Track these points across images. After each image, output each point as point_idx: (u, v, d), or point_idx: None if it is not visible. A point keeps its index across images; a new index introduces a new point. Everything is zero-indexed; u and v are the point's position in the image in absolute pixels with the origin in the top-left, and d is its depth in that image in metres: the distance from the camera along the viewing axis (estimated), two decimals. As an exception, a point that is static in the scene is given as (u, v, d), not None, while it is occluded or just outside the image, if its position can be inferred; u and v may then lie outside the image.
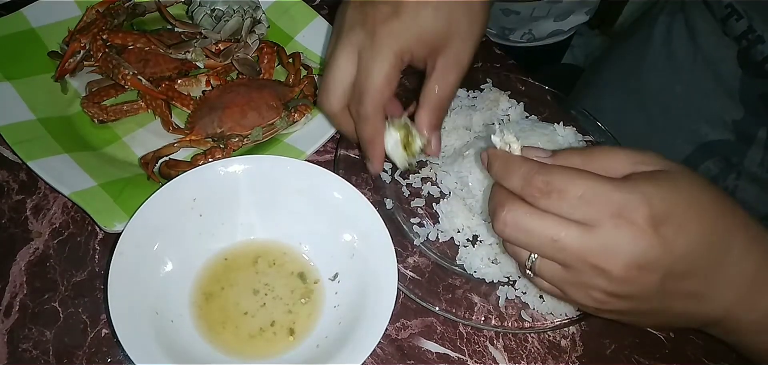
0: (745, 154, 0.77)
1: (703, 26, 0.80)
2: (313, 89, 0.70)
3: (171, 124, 0.66)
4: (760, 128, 0.75)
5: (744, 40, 0.72)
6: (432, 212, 0.64)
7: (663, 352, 0.59)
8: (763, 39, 0.70)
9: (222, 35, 0.71)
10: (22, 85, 0.65)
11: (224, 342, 0.52)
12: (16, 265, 0.56)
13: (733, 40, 0.74)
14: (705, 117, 0.80)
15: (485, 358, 0.56)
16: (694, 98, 0.82)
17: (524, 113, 0.73)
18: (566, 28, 1.31)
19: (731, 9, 0.73)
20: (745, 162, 0.77)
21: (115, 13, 0.71)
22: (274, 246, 0.57)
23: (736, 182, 0.78)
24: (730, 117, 0.77)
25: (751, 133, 0.76)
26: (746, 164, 0.77)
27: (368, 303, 0.52)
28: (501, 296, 0.58)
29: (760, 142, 0.76)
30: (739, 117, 0.77)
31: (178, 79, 0.69)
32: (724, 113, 0.78)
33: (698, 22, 0.81)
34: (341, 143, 0.67)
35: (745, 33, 0.72)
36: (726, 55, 0.76)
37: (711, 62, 0.79)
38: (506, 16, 1.25)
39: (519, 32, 1.29)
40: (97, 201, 0.57)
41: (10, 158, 0.63)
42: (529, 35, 1.29)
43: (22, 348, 0.51)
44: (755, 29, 0.71)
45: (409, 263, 0.60)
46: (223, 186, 0.57)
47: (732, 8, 0.73)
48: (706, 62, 0.80)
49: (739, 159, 0.78)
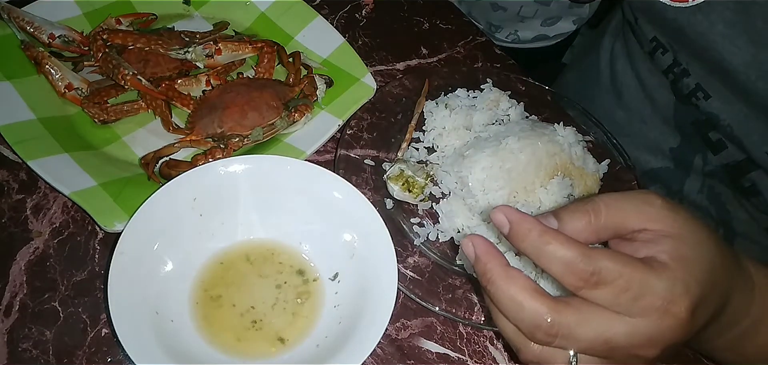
0: (684, 182, 0.78)
1: (638, 52, 0.80)
2: (313, 89, 0.70)
3: (171, 124, 0.66)
4: (696, 155, 0.76)
5: (671, 74, 0.72)
6: (432, 212, 0.64)
7: (663, 352, 0.59)
8: (688, 72, 0.70)
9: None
10: (22, 85, 0.65)
11: (224, 341, 0.52)
12: (16, 265, 0.56)
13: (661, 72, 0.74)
14: (644, 144, 0.80)
15: (485, 358, 0.56)
16: (634, 125, 0.82)
17: (524, 113, 0.73)
18: (551, 35, 1.30)
19: (656, 42, 0.73)
20: (684, 190, 0.78)
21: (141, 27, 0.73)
22: (274, 246, 0.57)
23: None
24: (668, 145, 0.78)
25: (688, 161, 0.77)
26: (686, 191, 0.78)
27: (368, 303, 0.52)
28: (501, 296, 0.58)
29: (696, 169, 0.76)
30: (676, 144, 0.77)
31: (178, 79, 0.69)
32: (662, 141, 0.78)
33: (634, 49, 0.81)
34: (341, 143, 0.67)
35: (671, 66, 0.72)
36: (658, 83, 0.76)
37: (647, 88, 0.79)
38: (494, 11, 1.24)
39: (505, 31, 1.28)
40: (97, 201, 0.57)
41: (10, 157, 0.63)
42: (514, 36, 1.29)
43: (22, 348, 0.51)
44: (680, 63, 0.71)
45: (409, 263, 0.60)
46: (223, 186, 0.57)
47: (657, 42, 0.73)
48: (642, 88, 0.80)
49: (678, 187, 0.78)
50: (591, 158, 0.68)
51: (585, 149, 0.69)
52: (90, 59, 0.70)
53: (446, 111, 0.70)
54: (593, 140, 0.72)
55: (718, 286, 0.44)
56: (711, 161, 0.75)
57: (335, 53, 0.75)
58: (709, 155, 0.75)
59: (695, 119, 0.74)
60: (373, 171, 0.66)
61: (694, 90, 0.71)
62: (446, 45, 0.85)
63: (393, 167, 0.63)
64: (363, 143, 0.69)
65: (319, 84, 0.70)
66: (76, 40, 0.70)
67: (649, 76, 0.79)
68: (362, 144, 0.68)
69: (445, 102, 0.71)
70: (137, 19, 0.75)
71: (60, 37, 0.69)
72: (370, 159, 0.67)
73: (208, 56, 0.71)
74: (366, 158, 0.67)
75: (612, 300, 0.41)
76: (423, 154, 0.69)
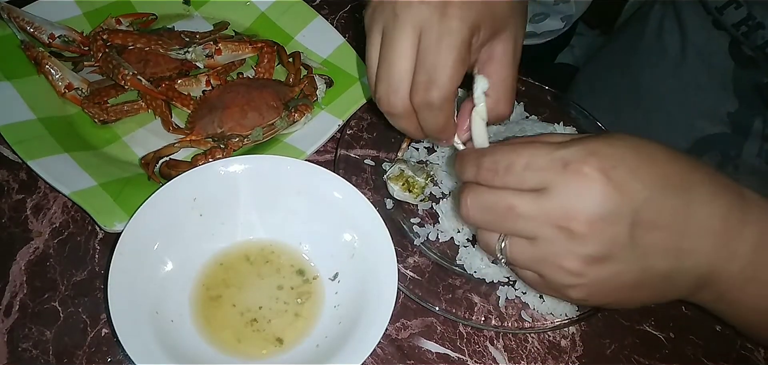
0: (742, 146, 0.77)
1: (693, 20, 0.80)
2: (313, 89, 0.70)
3: (171, 124, 0.66)
4: (755, 119, 0.75)
5: (744, 26, 0.72)
6: (432, 212, 0.64)
7: (663, 352, 0.59)
8: (764, 25, 0.70)
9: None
10: (22, 85, 0.65)
11: (224, 341, 0.52)
12: (16, 265, 0.56)
13: (727, 30, 0.74)
14: (700, 111, 0.80)
15: (485, 358, 0.56)
16: (687, 93, 0.82)
17: (524, 113, 0.73)
18: (539, 33, 1.29)
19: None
20: (743, 154, 0.77)
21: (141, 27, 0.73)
22: (274, 246, 0.57)
23: (735, 175, 0.78)
24: (725, 109, 0.78)
25: (747, 124, 0.76)
26: (744, 156, 0.77)
27: (368, 303, 0.52)
28: (501, 296, 0.58)
29: (756, 133, 0.76)
30: (734, 109, 0.77)
31: (178, 79, 0.69)
32: (719, 106, 0.78)
33: (689, 17, 0.81)
34: (341, 143, 0.67)
35: (745, 20, 0.72)
36: (717, 48, 0.76)
37: (703, 56, 0.79)
38: None
39: None
40: (97, 201, 0.57)
41: (10, 157, 0.63)
42: None
43: (22, 348, 0.51)
44: (755, 16, 0.71)
45: (409, 263, 0.60)
46: (223, 186, 0.57)
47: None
48: (698, 56, 0.80)
49: (736, 152, 0.78)
50: (591, 158, 0.68)
51: (585, 148, 0.68)
52: (90, 59, 0.70)
53: (446, 111, 0.70)
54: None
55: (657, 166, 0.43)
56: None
57: (335, 53, 0.75)
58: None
59: (757, 83, 0.73)
60: (373, 171, 0.66)
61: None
62: (446, 45, 0.85)
63: (393, 167, 0.63)
64: (363, 143, 0.69)
65: (319, 84, 0.70)
66: (76, 41, 0.70)
67: (705, 44, 0.78)
68: (362, 144, 0.68)
69: (445, 102, 0.71)
70: (137, 20, 0.75)
71: (60, 37, 0.69)
72: (370, 159, 0.67)
73: (208, 56, 0.71)
74: (366, 158, 0.67)
75: (515, 180, 0.43)
76: (423, 154, 0.69)
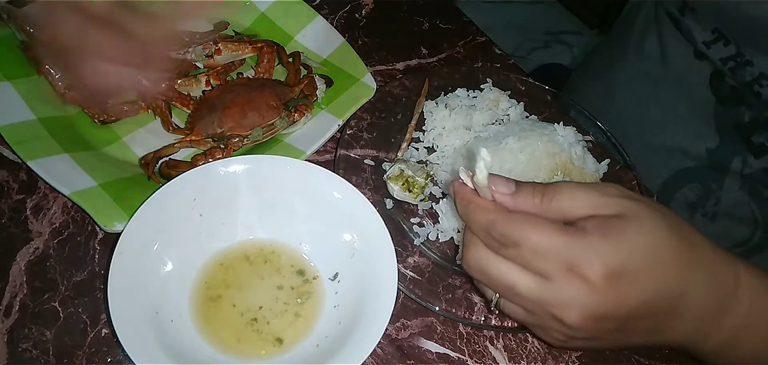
0: (723, 181, 0.77)
1: (674, 46, 0.79)
2: (313, 89, 0.70)
3: (171, 124, 0.66)
4: (734, 158, 0.75)
5: (731, 62, 0.72)
6: (432, 212, 0.64)
7: (663, 352, 0.59)
8: (752, 63, 0.70)
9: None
10: (22, 85, 0.65)
11: (224, 341, 0.52)
12: (16, 265, 0.56)
13: (710, 60, 0.73)
14: (678, 143, 0.80)
15: (485, 358, 0.56)
16: (667, 121, 0.81)
17: (524, 113, 0.73)
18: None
19: (718, 34, 0.72)
20: (724, 187, 0.77)
21: None
22: (274, 246, 0.57)
23: (715, 208, 0.78)
24: (705, 145, 0.77)
25: (726, 162, 0.76)
26: (725, 188, 0.77)
27: (368, 303, 0.52)
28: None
29: (735, 171, 0.76)
30: (714, 146, 0.77)
31: (178, 79, 0.69)
32: (699, 140, 0.78)
33: (670, 44, 0.80)
34: (341, 143, 0.67)
35: (733, 56, 0.72)
36: (697, 81, 0.76)
37: (682, 85, 0.79)
38: None
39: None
40: (97, 201, 0.57)
41: (10, 158, 0.63)
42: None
43: (22, 348, 0.51)
44: (744, 55, 0.70)
45: (409, 263, 0.60)
46: (223, 186, 0.57)
47: (719, 33, 0.72)
48: (677, 83, 0.79)
49: (718, 185, 0.78)
50: (591, 158, 0.68)
51: (585, 148, 0.68)
52: (90, 59, 0.70)
53: (446, 111, 0.70)
54: (593, 140, 0.72)
55: (659, 272, 0.43)
56: (752, 165, 0.74)
57: (335, 53, 0.75)
58: (749, 159, 0.74)
59: (738, 121, 0.73)
60: (373, 171, 0.66)
61: (758, 78, 0.70)
62: (446, 45, 0.85)
63: (393, 167, 0.63)
64: (363, 143, 0.69)
65: (319, 84, 0.70)
66: (76, 41, 0.70)
67: (685, 72, 0.78)
68: (362, 144, 0.68)
69: (445, 102, 0.71)
70: None
71: (60, 37, 0.69)
72: (370, 159, 0.67)
73: (208, 56, 0.71)
74: (366, 158, 0.67)
75: (522, 259, 0.44)
76: (423, 154, 0.69)
